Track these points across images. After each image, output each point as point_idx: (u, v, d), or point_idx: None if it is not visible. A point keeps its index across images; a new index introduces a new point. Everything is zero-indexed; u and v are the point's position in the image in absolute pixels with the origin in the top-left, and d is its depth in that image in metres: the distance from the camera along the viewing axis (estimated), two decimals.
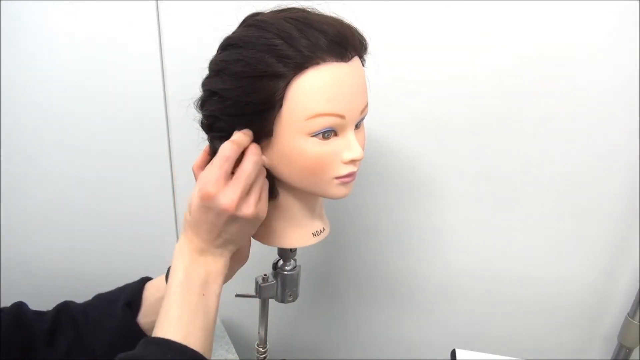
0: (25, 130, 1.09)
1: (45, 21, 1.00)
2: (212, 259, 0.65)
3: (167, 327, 0.61)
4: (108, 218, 1.18)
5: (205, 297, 0.64)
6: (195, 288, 0.63)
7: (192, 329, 0.61)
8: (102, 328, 0.72)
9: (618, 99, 0.94)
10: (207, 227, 0.63)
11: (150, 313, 0.74)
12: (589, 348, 1.17)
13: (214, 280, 0.65)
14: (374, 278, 1.18)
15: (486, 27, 0.92)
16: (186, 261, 0.65)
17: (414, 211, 1.09)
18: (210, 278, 0.65)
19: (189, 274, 0.64)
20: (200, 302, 0.63)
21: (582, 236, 1.06)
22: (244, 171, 0.61)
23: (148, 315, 0.74)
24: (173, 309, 0.62)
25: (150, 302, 0.75)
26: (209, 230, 0.63)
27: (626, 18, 0.89)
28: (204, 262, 0.65)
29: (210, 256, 0.65)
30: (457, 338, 1.19)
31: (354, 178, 0.67)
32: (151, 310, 0.74)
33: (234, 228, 0.63)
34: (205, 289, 0.64)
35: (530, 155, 1.00)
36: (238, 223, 0.63)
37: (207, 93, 0.65)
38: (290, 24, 0.59)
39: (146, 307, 0.75)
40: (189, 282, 0.63)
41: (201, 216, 0.63)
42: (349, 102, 0.62)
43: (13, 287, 1.26)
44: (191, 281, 0.63)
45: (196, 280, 0.64)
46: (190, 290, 0.63)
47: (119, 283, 0.84)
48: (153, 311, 0.73)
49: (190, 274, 0.64)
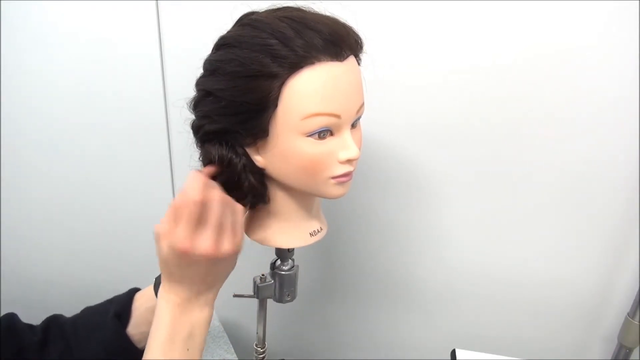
0: (25, 131, 1.09)
1: (45, 21, 1.00)
2: (199, 309, 0.64)
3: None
4: (108, 219, 1.18)
5: (189, 352, 0.62)
6: (179, 343, 0.62)
7: None
8: (92, 340, 0.72)
9: (618, 99, 0.94)
10: (191, 279, 0.62)
11: (140, 323, 0.73)
12: (589, 348, 1.17)
13: (199, 333, 0.64)
14: (373, 278, 1.18)
15: (485, 28, 0.92)
16: (170, 315, 0.63)
17: (412, 211, 1.09)
18: (196, 331, 0.63)
19: (174, 329, 0.62)
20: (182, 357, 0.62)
21: (582, 236, 1.05)
22: (211, 214, 0.60)
23: (138, 326, 0.73)
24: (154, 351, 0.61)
25: (139, 312, 0.74)
26: (192, 282, 0.62)
27: (625, 19, 0.88)
28: (189, 315, 0.63)
29: (197, 307, 0.64)
30: (457, 338, 1.19)
31: (351, 177, 0.67)
32: (141, 321, 0.73)
33: (217, 269, 0.63)
34: (189, 343, 0.62)
35: (529, 155, 1.00)
36: (220, 264, 0.62)
37: (202, 93, 0.65)
38: (285, 24, 0.59)
39: (136, 317, 0.74)
40: (173, 338, 0.62)
41: (183, 272, 0.61)
42: (345, 101, 0.62)
43: (13, 288, 1.26)
44: (175, 337, 0.62)
45: (180, 334, 0.62)
46: (174, 347, 0.61)
47: (118, 284, 0.84)
48: (143, 321, 0.73)
49: (175, 328, 0.62)
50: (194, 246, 0.59)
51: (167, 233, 0.60)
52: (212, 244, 0.59)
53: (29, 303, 1.29)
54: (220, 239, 0.60)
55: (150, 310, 0.70)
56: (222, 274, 0.65)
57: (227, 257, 0.61)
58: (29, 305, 1.29)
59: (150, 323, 0.67)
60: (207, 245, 0.59)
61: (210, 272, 0.62)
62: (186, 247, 0.58)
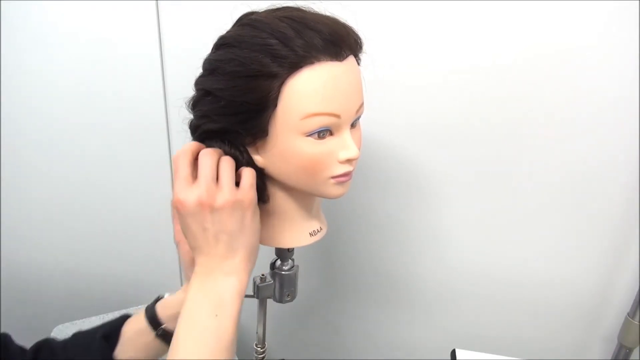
0: (25, 131, 1.09)
1: (45, 21, 1.00)
2: (223, 277, 0.62)
3: (176, 351, 0.58)
4: (108, 219, 1.18)
5: (218, 317, 0.60)
6: (206, 309, 0.60)
7: (201, 353, 0.58)
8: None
9: (618, 99, 0.94)
10: (199, 234, 0.61)
11: (127, 348, 0.72)
12: (589, 348, 1.16)
13: (229, 301, 0.61)
14: (373, 278, 1.18)
15: (485, 28, 0.92)
16: (195, 284, 0.62)
17: (412, 211, 1.09)
18: (225, 298, 0.61)
19: (199, 296, 0.61)
20: (211, 325, 0.59)
21: (582, 236, 1.05)
22: (200, 165, 0.61)
23: (125, 351, 0.71)
24: (182, 334, 0.59)
25: (127, 336, 0.73)
26: (203, 238, 0.61)
27: (625, 19, 0.88)
28: (214, 283, 0.62)
29: (221, 275, 0.62)
30: (457, 338, 1.19)
31: (350, 177, 0.67)
32: (128, 345, 0.72)
33: (225, 224, 0.61)
34: (218, 309, 0.60)
35: (530, 155, 1.00)
36: (224, 216, 0.60)
37: (201, 92, 0.65)
38: (284, 24, 0.59)
39: (123, 341, 0.72)
40: (200, 305, 0.61)
41: (188, 228, 0.61)
42: (344, 101, 0.62)
43: (13, 288, 1.26)
44: (202, 303, 0.60)
45: (206, 301, 0.61)
46: (201, 312, 0.60)
47: (118, 284, 0.84)
48: (130, 346, 0.72)
49: (200, 296, 0.61)
50: (185, 198, 0.59)
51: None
52: (201, 193, 0.59)
53: (29, 303, 1.29)
54: (213, 189, 0.60)
55: (139, 332, 0.70)
56: (236, 232, 0.62)
57: (224, 206, 0.60)
58: (29, 305, 1.29)
59: (138, 347, 0.68)
60: (196, 194, 0.59)
61: (222, 229, 0.61)
62: (177, 199, 0.60)
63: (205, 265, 0.62)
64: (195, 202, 0.59)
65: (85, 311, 1.14)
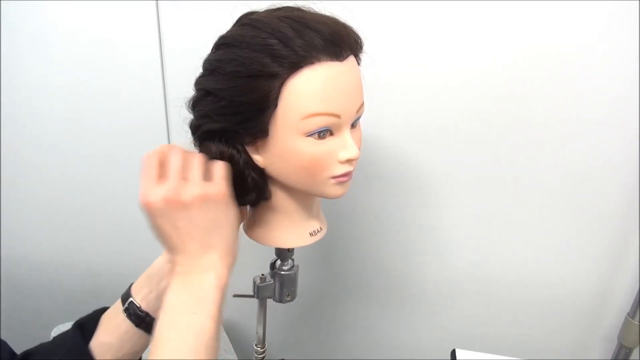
0: (25, 131, 1.09)
1: (45, 21, 1.00)
2: (199, 273, 0.60)
3: (155, 352, 0.57)
4: (108, 219, 1.18)
5: (196, 315, 0.58)
6: (185, 307, 0.58)
7: (179, 352, 0.56)
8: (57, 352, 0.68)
9: (618, 99, 0.94)
10: (172, 234, 0.59)
11: (100, 334, 0.69)
12: (589, 348, 1.17)
13: (209, 298, 0.59)
14: (373, 278, 1.18)
15: (485, 28, 0.92)
16: (173, 283, 0.60)
17: (413, 211, 1.09)
18: (203, 295, 0.59)
19: (177, 294, 0.60)
20: (190, 323, 0.57)
21: (582, 236, 1.05)
22: (169, 163, 0.60)
23: (98, 337, 0.69)
24: (161, 334, 0.58)
25: (102, 321, 0.70)
26: (177, 237, 0.59)
27: (625, 19, 0.88)
28: (191, 280, 0.60)
29: (198, 271, 0.60)
30: (457, 338, 1.19)
31: (351, 177, 0.67)
32: (101, 331, 0.69)
33: (196, 220, 0.59)
34: (196, 307, 0.58)
35: (530, 155, 1.00)
36: (195, 211, 0.58)
37: (201, 93, 0.65)
38: (285, 24, 0.59)
39: (98, 327, 0.70)
40: (177, 303, 0.59)
41: (160, 229, 0.60)
42: (345, 101, 0.62)
43: (13, 287, 1.26)
44: (180, 302, 0.59)
45: (185, 299, 0.59)
46: (179, 312, 0.58)
47: (118, 283, 0.84)
48: (102, 330, 0.69)
49: (178, 294, 0.60)
50: (151, 198, 0.58)
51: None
52: (168, 190, 0.57)
53: (29, 303, 1.29)
54: (180, 185, 0.58)
55: (111, 315, 0.69)
56: (211, 228, 0.60)
57: (193, 202, 0.58)
58: (29, 305, 1.29)
59: (109, 330, 0.67)
60: (162, 192, 0.57)
61: (194, 225, 0.59)
62: (143, 200, 0.58)
63: (183, 264, 0.60)
64: (162, 201, 0.57)
65: (86, 311, 1.14)
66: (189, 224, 0.59)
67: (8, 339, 0.69)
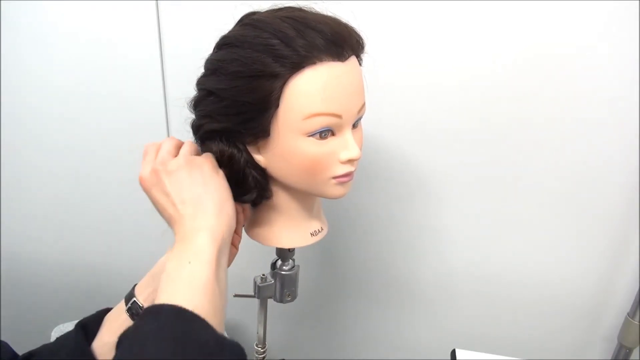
0: (25, 131, 1.09)
1: (45, 21, 1.00)
2: (195, 233, 0.61)
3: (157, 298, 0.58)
4: (109, 218, 1.18)
5: (191, 264, 0.58)
6: (180, 263, 0.59)
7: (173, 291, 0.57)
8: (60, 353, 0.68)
9: (617, 99, 0.94)
10: (165, 203, 0.63)
11: (103, 334, 0.69)
12: (589, 348, 1.17)
13: (203, 249, 0.60)
14: (374, 278, 1.18)
15: (486, 28, 0.92)
16: (172, 253, 0.61)
17: (413, 211, 1.09)
18: (199, 247, 0.60)
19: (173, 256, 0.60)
20: (184, 270, 0.58)
21: (582, 236, 1.05)
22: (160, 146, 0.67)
23: (101, 337, 0.69)
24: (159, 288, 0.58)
25: (106, 321, 0.71)
26: (170, 205, 0.63)
27: (625, 19, 0.88)
28: (187, 240, 0.61)
29: (193, 232, 0.61)
30: (457, 338, 1.19)
31: (352, 178, 0.67)
32: (105, 331, 0.70)
33: (184, 184, 0.63)
34: (191, 257, 0.59)
35: (530, 156, 1.00)
36: (182, 176, 0.63)
37: (203, 92, 0.65)
38: (286, 24, 0.59)
39: (102, 327, 0.70)
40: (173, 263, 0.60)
41: (156, 201, 0.65)
42: (346, 101, 0.62)
43: (13, 287, 1.26)
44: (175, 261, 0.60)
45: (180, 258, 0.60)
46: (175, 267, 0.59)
47: (118, 283, 0.84)
48: (105, 330, 0.70)
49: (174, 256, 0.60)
50: (142, 172, 0.66)
51: None
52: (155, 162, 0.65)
53: (29, 302, 1.29)
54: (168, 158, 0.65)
55: (115, 315, 0.70)
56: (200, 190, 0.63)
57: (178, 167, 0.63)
58: (29, 305, 1.29)
59: (112, 329, 0.68)
60: (150, 165, 0.65)
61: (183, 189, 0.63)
62: (139, 177, 0.66)
63: (180, 231, 0.62)
64: (150, 172, 0.64)
65: (86, 311, 1.14)
66: (177, 188, 0.63)
67: (8, 339, 0.68)
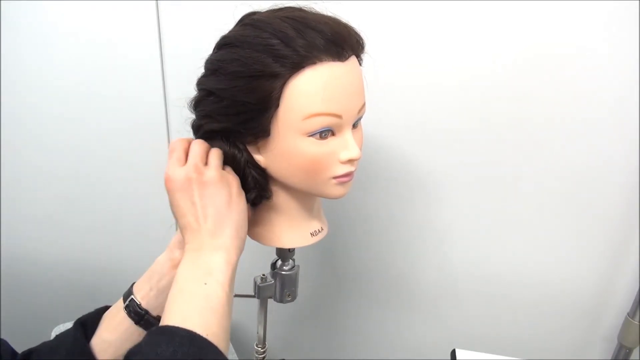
0: (25, 131, 1.09)
1: (45, 21, 1.00)
2: (212, 252, 0.62)
3: (165, 318, 0.58)
4: (109, 218, 1.18)
5: (207, 285, 0.59)
6: (195, 280, 0.60)
7: (188, 313, 0.57)
8: (59, 350, 0.68)
9: (617, 100, 0.94)
10: (188, 210, 0.63)
11: (101, 332, 0.69)
12: (589, 348, 1.17)
13: (218, 271, 0.61)
14: (374, 278, 1.18)
15: (486, 28, 0.92)
16: (185, 259, 0.62)
17: (413, 211, 1.09)
18: (213, 269, 0.61)
19: (188, 269, 0.61)
20: (199, 289, 0.59)
21: (583, 236, 1.05)
22: (190, 150, 0.66)
23: (99, 335, 0.69)
24: (171, 302, 0.59)
25: (104, 319, 0.71)
26: (192, 214, 0.62)
27: (625, 19, 0.88)
28: (202, 257, 0.62)
29: (210, 249, 0.62)
30: (457, 338, 1.19)
31: (352, 178, 0.67)
32: (103, 329, 0.70)
33: (213, 199, 0.63)
34: (207, 278, 0.60)
35: (530, 156, 1.00)
36: (212, 190, 0.63)
37: (203, 92, 0.65)
38: (286, 24, 0.59)
39: (100, 325, 0.70)
40: (187, 277, 0.61)
41: (177, 205, 0.63)
42: (346, 101, 0.62)
43: (14, 287, 1.26)
44: (191, 275, 0.61)
45: (195, 272, 0.61)
46: (189, 283, 0.60)
47: (118, 282, 0.83)
48: (103, 328, 0.70)
49: (190, 269, 0.61)
50: (174, 174, 0.63)
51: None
52: (189, 169, 0.63)
53: (29, 302, 1.29)
54: (201, 167, 0.64)
55: (113, 313, 0.69)
56: (225, 209, 0.63)
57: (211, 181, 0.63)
58: (29, 305, 1.29)
59: (110, 327, 0.68)
60: (184, 170, 0.63)
61: (209, 203, 0.63)
62: (167, 176, 0.64)
63: (195, 242, 0.63)
64: (183, 177, 0.62)
65: (86, 311, 1.14)
66: (204, 202, 0.63)
67: (8, 339, 0.69)
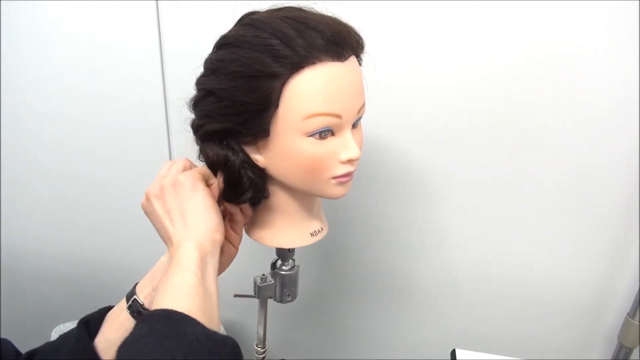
0: (25, 131, 1.09)
1: (45, 21, 1.00)
2: (178, 246, 0.63)
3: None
4: (109, 218, 1.18)
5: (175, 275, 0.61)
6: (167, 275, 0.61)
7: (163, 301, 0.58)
8: (62, 349, 0.68)
9: (617, 100, 0.94)
10: (159, 224, 0.66)
11: (105, 331, 0.70)
12: (589, 348, 1.17)
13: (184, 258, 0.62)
14: (374, 278, 1.18)
15: (486, 29, 0.92)
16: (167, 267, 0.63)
17: (413, 212, 1.09)
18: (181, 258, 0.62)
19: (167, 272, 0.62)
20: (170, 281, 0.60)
21: (582, 237, 1.05)
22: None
23: (103, 334, 0.69)
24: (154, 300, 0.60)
25: (107, 319, 0.71)
26: (163, 226, 0.66)
27: (625, 19, 0.88)
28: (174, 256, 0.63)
29: (177, 246, 0.64)
30: (457, 338, 1.19)
31: (352, 178, 0.67)
32: (106, 329, 0.70)
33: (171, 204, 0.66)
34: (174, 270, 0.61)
35: (530, 156, 1.00)
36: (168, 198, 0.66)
37: (202, 92, 0.65)
38: (286, 24, 0.59)
39: (103, 325, 0.70)
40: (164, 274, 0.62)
41: (154, 224, 0.68)
42: (346, 101, 0.62)
43: (14, 286, 1.26)
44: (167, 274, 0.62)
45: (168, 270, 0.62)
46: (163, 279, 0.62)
47: (118, 282, 0.84)
48: (107, 328, 0.70)
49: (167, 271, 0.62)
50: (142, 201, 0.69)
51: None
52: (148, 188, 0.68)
53: (29, 302, 1.29)
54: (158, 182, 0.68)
55: (116, 313, 0.70)
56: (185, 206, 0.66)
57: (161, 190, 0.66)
58: (29, 305, 1.29)
59: (113, 327, 0.68)
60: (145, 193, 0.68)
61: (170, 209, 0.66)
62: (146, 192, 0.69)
63: (171, 248, 0.64)
64: (144, 200, 0.68)
65: (86, 311, 1.14)
66: (165, 209, 0.66)
67: (8, 338, 0.69)
